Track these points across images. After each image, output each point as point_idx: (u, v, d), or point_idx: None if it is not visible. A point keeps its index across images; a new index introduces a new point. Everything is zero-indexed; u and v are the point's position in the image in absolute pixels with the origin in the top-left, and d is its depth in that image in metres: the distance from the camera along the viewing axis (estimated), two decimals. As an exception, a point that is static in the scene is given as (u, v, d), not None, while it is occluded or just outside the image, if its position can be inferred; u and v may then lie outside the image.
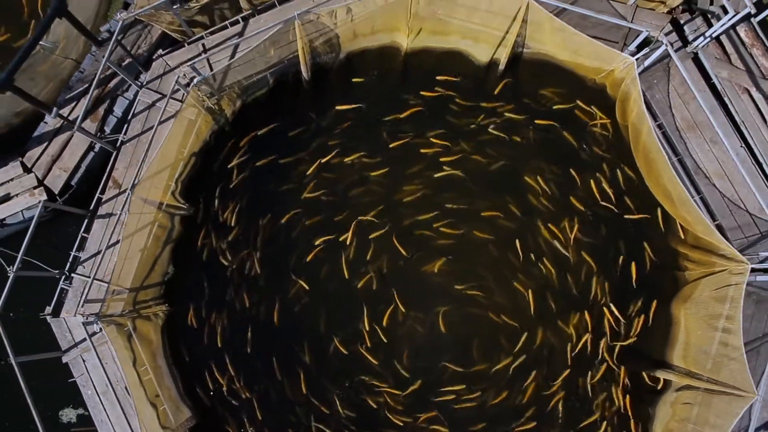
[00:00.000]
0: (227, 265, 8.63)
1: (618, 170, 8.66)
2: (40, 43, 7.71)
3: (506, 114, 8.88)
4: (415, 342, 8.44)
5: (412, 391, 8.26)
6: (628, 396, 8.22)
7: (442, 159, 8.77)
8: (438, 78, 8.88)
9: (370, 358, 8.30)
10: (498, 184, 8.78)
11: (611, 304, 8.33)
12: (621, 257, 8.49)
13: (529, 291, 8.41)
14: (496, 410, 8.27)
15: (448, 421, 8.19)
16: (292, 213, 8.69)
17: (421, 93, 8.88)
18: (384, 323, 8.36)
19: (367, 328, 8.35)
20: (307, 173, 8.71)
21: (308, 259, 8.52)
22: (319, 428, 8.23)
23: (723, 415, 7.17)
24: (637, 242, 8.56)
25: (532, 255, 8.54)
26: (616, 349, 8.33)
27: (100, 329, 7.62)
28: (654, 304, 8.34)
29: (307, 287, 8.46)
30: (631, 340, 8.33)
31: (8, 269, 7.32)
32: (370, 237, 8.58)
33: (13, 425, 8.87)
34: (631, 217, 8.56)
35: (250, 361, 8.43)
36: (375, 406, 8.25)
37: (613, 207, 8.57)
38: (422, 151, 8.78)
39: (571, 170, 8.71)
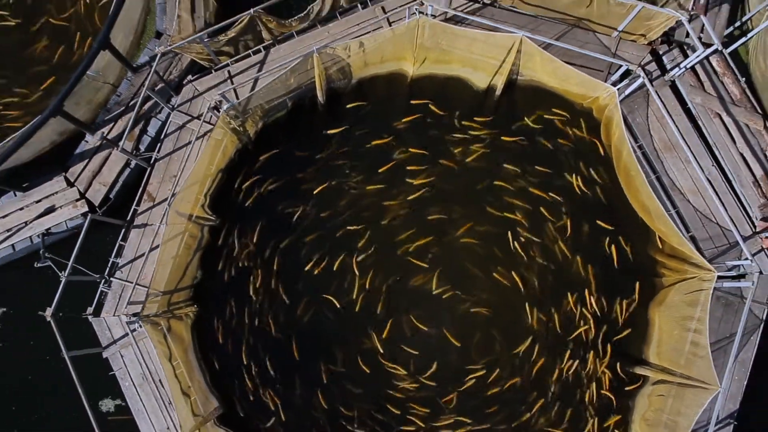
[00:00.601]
0: (248, 271, 9.56)
1: (607, 185, 9.62)
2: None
3: (501, 135, 9.82)
4: (424, 344, 9.38)
5: (428, 383, 9.22)
6: (611, 389, 9.17)
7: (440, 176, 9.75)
8: (412, 102, 9.86)
9: (385, 361, 9.26)
10: (498, 193, 9.74)
11: (596, 309, 9.28)
12: (606, 265, 9.46)
13: (521, 288, 9.37)
14: (506, 395, 9.27)
15: (465, 409, 9.17)
16: (304, 226, 9.64)
17: (404, 120, 9.85)
18: (387, 330, 9.34)
19: (386, 332, 9.35)
20: (318, 190, 9.65)
21: (316, 272, 9.48)
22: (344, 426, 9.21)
23: (692, 405, 8.09)
24: (623, 251, 9.51)
25: (532, 266, 9.51)
26: (601, 348, 9.27)
27: (140, 326, 8.57)
28: (634, 306, 9.30)
29: (325, 295, 9.43)
30: (619, 336, 9.26)
31: (60, 274, 8.26)
32: (374, 248, 9.57)
33: (56, 413, 9.81)
34: (607, 226, 9.53)
35: (271, 358, 9.36)
36: (397, 411, 9.23)
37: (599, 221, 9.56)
38: (408, 168, 9.76)
39: (559, 180, 9.67)
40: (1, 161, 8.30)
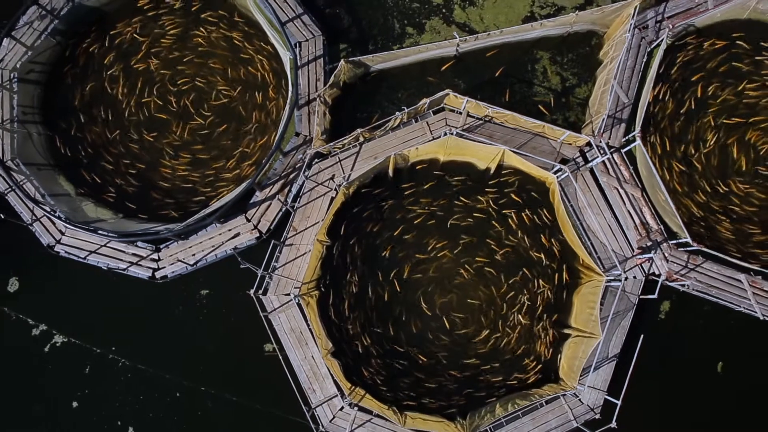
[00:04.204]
0: (347, 271, 16.84)
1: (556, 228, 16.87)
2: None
3: (492, 196, 17.09)
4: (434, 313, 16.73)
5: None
6: (548, 341, 16.43)
7: (459, 222, 17.04)
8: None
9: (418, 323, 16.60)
10: (491, 234, 17.01)
11: (547, 294, 16.54)
12: (552, 271, 16.71)
13: (502, 282, 16.65)
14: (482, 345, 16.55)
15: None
16: (382, 241, 16.96)
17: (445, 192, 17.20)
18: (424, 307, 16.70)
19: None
20: (387, 213, 16.95)
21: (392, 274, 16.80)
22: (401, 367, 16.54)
23: (589, 346, 15.33)
24: (566, 262, 16.75)
25: (504, 276, 16.79)
26: (545, 317, 16.53)
27: (294, 300, 15.94)
28: (565, 295, 16.57)
29: (398, 288, 16.75)
30: (557, 311, 16.54)
31: (256, 271, 15.57)
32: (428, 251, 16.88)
33: (238, 351, 17.13)
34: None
35: (363, 321, 16.68)
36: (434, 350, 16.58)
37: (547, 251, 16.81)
38: (455, 218, 17.07)
39: (532, 231, 16.93)
40: (226, 211, 15.65)
